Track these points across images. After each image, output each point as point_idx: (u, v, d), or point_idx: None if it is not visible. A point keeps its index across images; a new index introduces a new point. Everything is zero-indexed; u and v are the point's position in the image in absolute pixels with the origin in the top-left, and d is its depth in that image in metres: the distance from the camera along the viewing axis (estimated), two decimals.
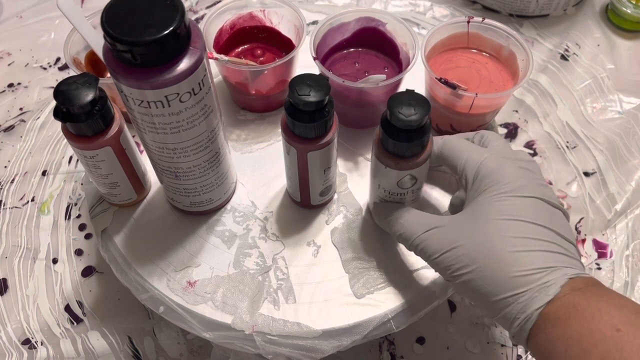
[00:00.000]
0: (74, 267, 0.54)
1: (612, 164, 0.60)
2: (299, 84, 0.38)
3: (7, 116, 0.65)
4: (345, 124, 0.53)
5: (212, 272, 0.45)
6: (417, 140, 0.38)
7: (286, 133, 0.41)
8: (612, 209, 0.57)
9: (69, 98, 0.39)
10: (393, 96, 0.38)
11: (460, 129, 0.52)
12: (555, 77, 0.67)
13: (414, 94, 0.38)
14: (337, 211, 0.49)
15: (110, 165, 0.44)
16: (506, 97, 0.50)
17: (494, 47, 0.52)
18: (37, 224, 0.57)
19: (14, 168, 0.61)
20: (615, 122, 0.63)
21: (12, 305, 0.52)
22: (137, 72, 0.33)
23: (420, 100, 0.38)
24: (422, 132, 0.38)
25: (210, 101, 0.38)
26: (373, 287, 0.44)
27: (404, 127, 0.37)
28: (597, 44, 0.70)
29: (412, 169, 0.40)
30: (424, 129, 0.38)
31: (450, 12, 0.73)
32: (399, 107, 0.37)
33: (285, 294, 0.44)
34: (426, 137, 0.39)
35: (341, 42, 0.55)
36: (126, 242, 0.47)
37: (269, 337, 0.42)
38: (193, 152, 0.40)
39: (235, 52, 0.56)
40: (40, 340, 0.50)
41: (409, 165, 0.39)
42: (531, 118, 0.63)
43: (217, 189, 0.46)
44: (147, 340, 0.51)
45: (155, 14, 0.32)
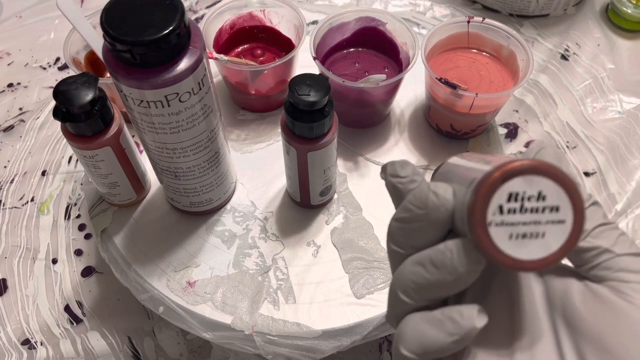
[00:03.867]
0: (73, 267, 0.54)
1: (612, 164, 0.60)
2: (298, 84, 0.38)
3: (7, 116, 0.65)
4: (345, 124, 0.53)
5: (212, 272, 0.45)
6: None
7: (286, 133, 0.41)
8: (613, 209, 0.57)
9: (68, 98, 0.39)
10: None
11: (460, 128, 0.52)
12: (556, 77, 0.67)
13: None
14: (337, 211, 0.49)
15: (110, 165, 0.44)
16: (506, 97, 0.50)
17: (494, 47, 0.52)
18: (36, 224, 0.57)
19: (14, 168, 0.61)
20: (616, 122, 0.63)
21: (11, 305, 0.52)
22: (137, 72, 0.33)
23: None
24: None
25: (210, 101, 0.38)
26: (373, 287, 0.44)
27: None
28: (598, 44, 0.70)
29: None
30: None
31: (451, 12, 0.73)
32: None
33: (285, 294, 0.44)
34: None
35: (341, 42, 0.54)
36: (126, 242, 0.47)
37: (268, 337, 0.42)
38: (193, 152, 0.40)
39: (235, 52, 0.56)
40: (39, 340, 0.50)
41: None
42: (531, 118, 0.63)
43: (216, 189, 0.46)
44: (146, 341, 0.50)
45: (154, 14, 0.32)
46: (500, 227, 0.21)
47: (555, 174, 0.21)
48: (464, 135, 0.53)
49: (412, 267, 0.24)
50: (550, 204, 0.21)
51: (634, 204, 0.57)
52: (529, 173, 0.21)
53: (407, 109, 0.56)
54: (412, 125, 0.55)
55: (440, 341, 0.22)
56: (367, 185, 0.50)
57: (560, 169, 0.21)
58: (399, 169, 0.25)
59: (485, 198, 0.21)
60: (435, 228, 0.23)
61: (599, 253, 0.23)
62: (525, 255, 0.21)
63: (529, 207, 0.21)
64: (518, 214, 0.21)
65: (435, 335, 0.23)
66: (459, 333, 0.22)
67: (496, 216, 0.21)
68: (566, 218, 0.21)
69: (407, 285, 0.24)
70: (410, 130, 0.54)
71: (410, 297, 0.24)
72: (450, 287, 0.23)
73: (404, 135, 0.54)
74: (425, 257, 0.23)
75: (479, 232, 0.21)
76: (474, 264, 0.22)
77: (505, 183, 0.21)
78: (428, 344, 0.23)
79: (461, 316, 0.22)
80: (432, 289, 0.23)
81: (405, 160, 0.26)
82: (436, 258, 0.23)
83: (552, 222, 0.21)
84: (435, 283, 0.23)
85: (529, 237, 0.21)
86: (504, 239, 0.21)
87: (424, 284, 0.23)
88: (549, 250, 0.21)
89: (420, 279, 0.23)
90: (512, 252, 0.21)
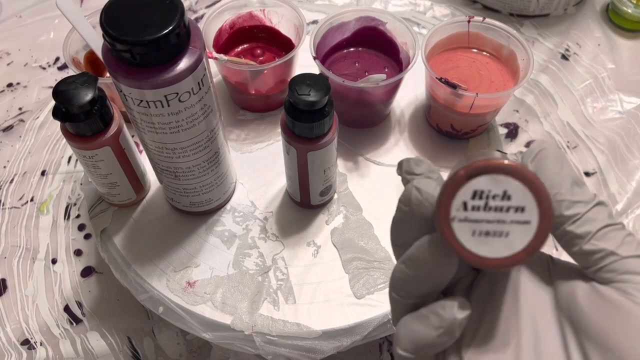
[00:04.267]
0: (73, 267, 0.54)
1: (612, 164, 0.60)
2: (298, 84, 0.38)
3: (6, 116, 0.65)
4: (345, 124, 0.53)
5: (212, 272, 0.45)
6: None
7: (286, 133, 0.41)
8: (613, 209, 0.57)
9: (68, 98, 0.39)
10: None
11: (461, 128, 0.52)
12: (556, 77, 0.67)
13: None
14: (337, 211, 0.48)
15: (110, 165, 0.44)
16: (507, 96, 0.49)
17: (494, 46, 0.52)
18: (36, 224, 0.57)
19: (13, 168, 0.61)
20: (616, 122, 0.63)
21: (11, 305, 0.52)
22: (136, 71, 0.33)
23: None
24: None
25: (209, 101, 0.38)
26: (373, 287, 0.44)
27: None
28: (598, 44, 0.70)
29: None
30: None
31: (451, 11, 0.73)
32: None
33: (285, 295, 0.44)
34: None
35: (341, 41, 0.54)
36: (125, 242, 0.47)
37: (268, 337, 0.42)
38: (192, 152, 0.40)
39: (235, 51, 0.56)
40: (39, 340, 0.50)
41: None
42: (532, 118, 0.63)
43: (216, 189, 0.46)
44: (146, 341, 0.50)
45: (154, 14, 0.32)
46: (463, 223, 0.21)
47: (521, 174, 0.21)
48: (464, 135, 0.53)
49: (398, 266, 0.24)
50: (516, 204, 0.21)
51: (635, 204, 0.57)
52: (494, 172, 0.21)
53: (407, 108, 0.56)
54: (413, 125, 0.55)
55: (427, 335, 0.23)
56: (367, 185, 0.50)
57: (527, 169, 0.21)
58: (414, 166, 0.25)
59: (449, 194, 0.21)
60: (420, 224, 0.24)
61: (604, 255, 0.22)
62: (488, 252, 0.21)
63: (493, 205, 0.21)
64: (482, 212, 0.21)
65: (423, 331, 0.23)
66: (443, 326, 0.23)
67: (460, 212, 0.21)
68: (532, 219, 0.21)
69: (395, 282, 0.25)
70: (410, 130, 0.54)
71: (398, 294, 0.25)
72: (427, 280, 0.23)
73: (404, 135, 0.54)
74: (407, 254, 0.24)
75: (442, 227, 0.22)
76: (442, 257, 0.22)
77: (470, 180, 0.21)
78: (418, 340, 0.23)
79: (443, 309, 0.23)
80: (413, 283, 0.24)
81: (420, 158, 0.26)
82: (412, 254, 0.24)
83: (517, 222, 0.21)
84: (414, 277, 0.24)
85: (492, 235, 0.21)
86: (467, 235, 0.21)
87: (406, 280, 0.24)
88: (512, 250, 0.21)
89: (403, 275, 0.24)
90: (475, 249, 0.22)
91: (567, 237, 0.23)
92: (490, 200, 0.21)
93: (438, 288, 0.24)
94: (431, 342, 0.23)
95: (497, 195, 0.21)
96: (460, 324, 0.23)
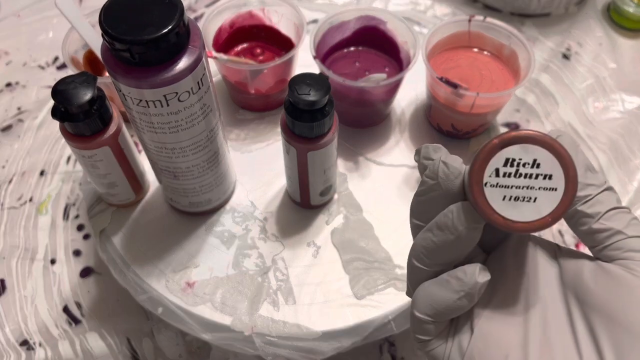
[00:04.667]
0: (72, 267, 0.54)
1: (614, 164, 0.59)
2: (298, 83, 0.38)
3: (5, 116, 0.65)
4: (346, 124, 0.53)
5: (211, 273, 0.45)
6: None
7: (286, 133, 0.41)
8: None
9: (67, 97, 0.39)
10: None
11: (462, 128, 0.51)
12: (557, 77, 0.66)
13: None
14: (337, 211, 0.48)
15: (109, 165, 0.43)
16: (508, 96, 0.49)
17: (495, 46, 0.52)
18: (35, 224, 0.57)
19: (12, 168, 0.61)
20: (618, 121, 0.63)
21: (10, 306, 0.52)
22: (136, 71, 0.33)
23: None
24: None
25: (209, 100, 0.38)
26: (373, 288, 0.44)
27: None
28: (599, 43, 0.70)
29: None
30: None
31: (452, 10, 0.73)
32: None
33: (285, 295, 0.44)
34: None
35: (341, 41, 0.54)
36: (125, 242, 0.47)
37: (268, 338, 0.42)
38: (192, 151, 0.40)
39: (235, 51, 0.56)
40: (38, 341, 0.50)
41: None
42: (533, 117, 0.63)
43: (216, 189, 0.45)
44: (145, 342, 0.50)
45: (154, 13, 0.32)
46: (495, 189, 0.23)
47: (550, 145, 0.22)
48: (465, 135, 0.52)
49: (423, 234, 0.26)
50: (544, 171, 0.23)
51: (636, 203, 0.57)
52: (526, 142, 0.23)
53: (408, 108, 0.56)
54: (413, 124, 0.54)
55: (448, 299, 0.25)
56: (367, 185, 0.50)
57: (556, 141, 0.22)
58: (432, 152, 0.26)
59: (483, 160, 0.23)
60: (447, 197, 0.25)
61: (611, 234, 0.24)
62: (516, 216, 0.23)
63: (523, 172, 0.23)
64: (513, 178, 0.23)
65: (443, 295, 0.25)
66: (464, 289, 0.24)
67: (492, 178, 0.23)
68: (558, 186, 0.23)
69: (418, 251, 0.26)
70: (411, 130, 0.54)
71: (422, 262, 0.26)
72: (454, 247, 0.25)
73: (405, 135, 0.54)
74: (433, 222, 0.25)
75: (475, 191, 0.23)
76: (472, 222, 0.24)
77: (503, 149, 0.23)
78: (438, 304, 0.25)
79: (464, 274, 0.24)
80: (439, 250, 0.25)
81: (437, 145, 0.27)
82: (440, 221, 0.25)
83: (545, 189, 0.23)
84: (441, 244, 0.25)
85: (522, 200, 0.23)
86: (498, 199, 0.23)
87: (432, 247, 0.25)
88: (539, 214, 0.23)
89: (428, 243, 0.25)
90: (504, 212, 0.23)
91: (578, 216, 0.25)
92: (521, 168, 0.23)
93: (460, 256, 0.25)
94: (451, 306, 0.25)
95: (528, 163, 0.23)
96: (480, 289, 0.24)
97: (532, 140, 0.22)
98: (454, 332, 0.26)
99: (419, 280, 0.26)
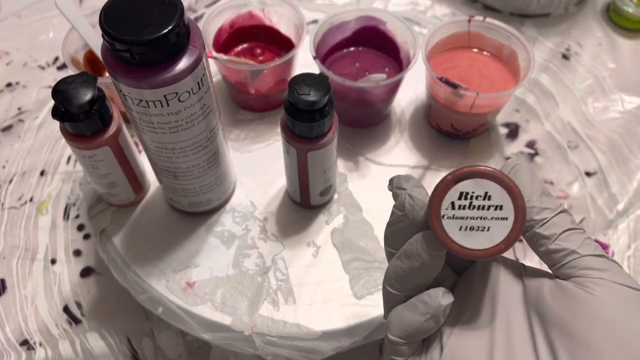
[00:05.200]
0: (72, 267, 0.54)
1: (613, 164, 0.60)
2: (298, 83, 0.38)
3: (6, 116, 0.65)
4: (346, 124, 0.53)
5: (211, 272, 0.45)
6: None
7: (286, 133, 0.41)
8: (614, 209, 0.57)
9: (67, 97, 0.39)
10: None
11: (461, 128, 0.51)
12: (557, 77, 0.66)
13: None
14: (337, 211, 0.48)
15: (109, 165, 0.43)
16: (507, 96, 0.49)
17: (495, 46, 0.52)
18: (35, 225, 0.57)
19: (12, 168, 0.61)
20: (617, 121, 0.63)
21: (10, 306, 0.52)
22: (136, 71, 0.33)
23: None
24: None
25: (209, 100, 0.38)
26: (373, 287, 0.44)
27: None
28: (599, 43, 0.70)
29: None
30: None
31: (451, 10, 0.73)
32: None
33: (285, 295, 0.44)
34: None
35: (341, 41, 0.54)
36: (125, 242, 0.47)
37: (268, 338, 0.42)
38: (192, 151, 0.40)
39: (235, 51, 0.56)
40: (38, 341, 0.50)
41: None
42: (532, 117, 0.63)
43: (216, 189, 0.45)
44: (145, 342, 0.50)
45: (154, 13, 0.32)
46: (452, 220, 0.25)
47: (499, 178, 0.25)
48: (464, 135, 0.52)
49: (393, 262, 0.28)
50: (495, 203, 0.25)
51: (635, 203, 0.57)
52: (477, 176, 0.25)
53: (408, 108, 0.56)
54: (413, 124, 0.54)
55: (416, 321, 0.27)
56: (367, 185, 0.50)
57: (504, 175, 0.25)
58: (404, 181, 0.29)
59: (440, 195, 0.25)
60: (413, 227, 0.28)
61: (567, 254, 0.26)
62: (472, 244, 0.26)
63: (476, 204, 0.25)
64: (467, 210, 0.25)
65: (412, 318, 0.27)
66: (429, 312, 0.27)
67: (449, 210, 0.25)
68: (509, 216, 0.25)
69: (390, 277, 0.28)
70: (410, 130, 0.54)
71: (394, 288, 0.28)
72: (420, 273, 0.27)
73: (405, 135, 0.54)
74: (401, 251, 0.28)
75: (434, 222, 0.26)
76: (434, 249, 0.26)
77: (458, 183, 0.25)
78: (408, 326, 0.27)
79: (429, 297, 0.27)
80: (408, 277, 0.28)
81: (409, 175, 0.29)
82: (406, 249, 0.27)
83: (497, 219, 0.25)
84: (409, 271, 0.27)
85: (477, 229, 0.25)
86: (455, 229, 0.26)
87: (401, 273, 0.28)
88: (493, 242, 0.25)
89: (398, 269, 0.28)
90: (461, 241, 0.26)
91: (536, 238, 0.27)
92: (474, 200, 0.25)
93: (427, 281, 0.28)
94: (419, 327, 0.27)
95: (480, 195, 0.25)
96: (445, 310, 0.27)
97: (482, 175, 0.25)
98: (426, 350, 0.28)
99: (392, 304, 0.29)
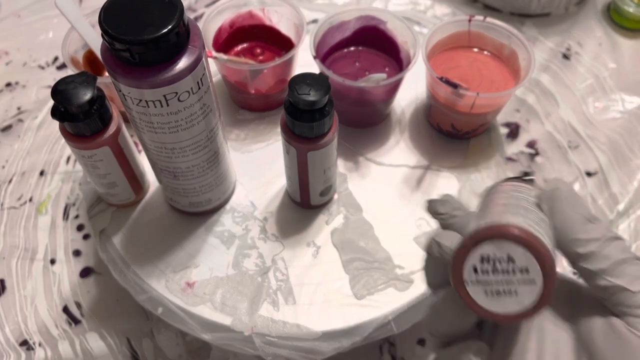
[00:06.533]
0: (72, 267, 0.54)
1: (614, 164, 0.59)
2: (298, 83, 0.38)
3: (5, 116, 0.65)
4: (346, 124, 0.53)
5: (211, 273, 0.45)
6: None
7: (286, 133, 0.41)
8: (615, 209, 0.57)
9: (67, 97, 0.38)
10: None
11: (462, 128, 0.51)
12: (557, 77, 0.66)
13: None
14: (337, 211, 0.48)
15: (109, 165, 0.43)
16: (508, 96, 0.49)
17: (495, 46, 0.52)
18: (35, 225, 0.57)
19: (12, 168, 0.61)
20: (618, 121, 0.63)
21: (10, 306, 0.52)
22: (136, 71, 0.33)
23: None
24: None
25: (209, 100, 0.38)
26: (373, 288, 0.44)
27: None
28: (599, 43, 0.70)
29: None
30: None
31: (452, 10, 0.73)
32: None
33: (285, 295, 0.44)
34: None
35: (341, 40, 0.54)
36: (124, 242, 0.47)
37: (268, 338, 0.42)
38: (192, 151, 0.40)
39: (235, 50, 0.56)
40: (38, 341, 0.50)
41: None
42: (533, 117, 0.63)
43: (216, 189, 0.45)
44: (145, 342, 0.50)
45: (153, 13, 0.32)
46: (476, 285, 0.24)
47: (520, 239, 0.23)
48: (465, 135, 0.52)
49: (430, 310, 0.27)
50: (520, 265, 0.23)
51: (636, 204, 0.57)
52: (497, 237, 0.23)
53: (408, 108, 0.56)
54: (413, 124, 0.54)
55: None
56: (367, 185, 0.50)
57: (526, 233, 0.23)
58: (439, 206, 0.28)
59: (460, 261, 0.24)
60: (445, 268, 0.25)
61: (618, 291, 0.24)
62: (500, 309, 0.24)
63: (500, 268, 0.23)
64: (491, 275, 0.24)
65: None
66: None
67: (471, 275, 0.24)
68: (536, 278, 0.23)
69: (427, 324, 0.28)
70: (411, 130, 0.54)
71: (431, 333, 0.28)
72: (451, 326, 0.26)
73: (405, 135, 0.54)
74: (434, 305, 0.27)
75: (458, 289, 0.24)
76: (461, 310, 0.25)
77: (476, 247, 0.23)
78: None
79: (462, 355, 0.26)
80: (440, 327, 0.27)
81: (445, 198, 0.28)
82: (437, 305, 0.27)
83: (523, 282, 0.23)
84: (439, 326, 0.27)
85: (503, 294, 0.24)
86: (481, 294, 0.24)
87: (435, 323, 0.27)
88: (522, 306, 0.24)
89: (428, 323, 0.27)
90: (488, 306, 0.24)
91: (584, 273, 0.24)
92: (497, 264, 0.23)
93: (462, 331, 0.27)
94: None
95: (502, 259, 0.23)
96: None
97: (502, 236, 0.23)
98: None
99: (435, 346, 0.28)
